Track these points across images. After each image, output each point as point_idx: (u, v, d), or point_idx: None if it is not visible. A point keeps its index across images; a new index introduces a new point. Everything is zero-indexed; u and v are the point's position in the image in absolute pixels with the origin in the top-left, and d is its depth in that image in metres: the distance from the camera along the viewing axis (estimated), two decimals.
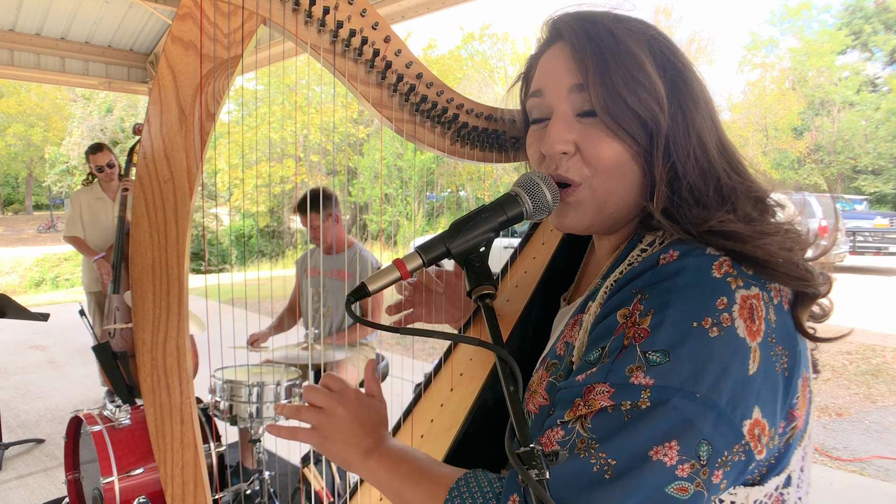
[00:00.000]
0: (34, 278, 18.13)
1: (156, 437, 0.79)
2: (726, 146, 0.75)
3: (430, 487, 0.73)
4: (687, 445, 0.58)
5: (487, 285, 0.74)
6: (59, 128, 27.58)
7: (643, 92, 0.71)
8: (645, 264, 0.67)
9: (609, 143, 0.72)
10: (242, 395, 2.71)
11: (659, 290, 0.63)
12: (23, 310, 3.51)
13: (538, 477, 0.57)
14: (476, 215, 0.76)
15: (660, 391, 0.59)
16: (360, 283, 0.74)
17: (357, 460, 0.79)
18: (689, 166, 0.71)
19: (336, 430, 0.80)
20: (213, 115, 0.74)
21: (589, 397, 0.63)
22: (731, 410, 0.59)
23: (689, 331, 0.60)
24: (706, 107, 0.75)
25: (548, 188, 0.75)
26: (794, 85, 25.32)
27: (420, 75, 0.92)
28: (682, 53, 0.76)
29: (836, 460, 4.22)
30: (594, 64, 0.72)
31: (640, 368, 0.60)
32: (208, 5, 0.74)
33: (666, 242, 0.69)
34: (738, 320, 0.60)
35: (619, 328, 0.64)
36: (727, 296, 0.61)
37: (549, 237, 1.11)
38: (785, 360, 0.63)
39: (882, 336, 7.39)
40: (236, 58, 0.75)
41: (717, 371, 0.59)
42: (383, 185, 17.38)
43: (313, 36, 0.83)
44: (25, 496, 3.49)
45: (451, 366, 1.04)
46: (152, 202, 0.75)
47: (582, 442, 0.61)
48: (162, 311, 0.76)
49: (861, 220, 16.12)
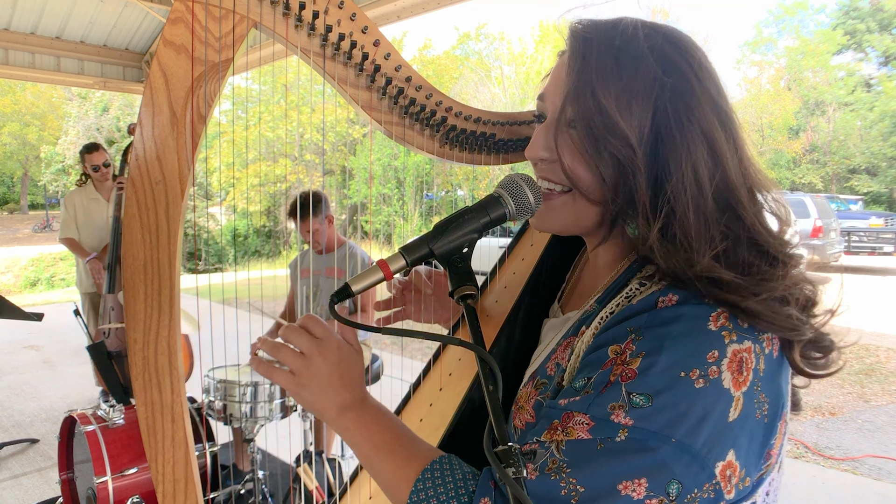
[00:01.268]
0: (29, 278, 18.07)
1: (147, 436, 0.80)
2: (734, 190, 0.69)
3: (402, 463, 0.72)
4: (657, 484, 0.59)
5: (469, 286, 0.75)
6: (55, 127, 27.48)
7: (610, 132, 0.68)
8: (643, 304, 0.67)
9: (581, 158, 0.72)
10: (236, 394, 2.71)
11: (654, 334, 0.63)
12: (17, 310, 3.50)
13: (515, 475, 0.58)
14: (459, 216, 0.76)
15: (637, 432, 0.60)
16: (343, 284, 0.74)
17: (332, 414, 0.77)
18: (681, 204, 0.67)
19: (314, 378, 0.76)
20: (205, 117, 0.75)
21: (568, 424, 0.64)
22: (705, 452, 0.60)
23: (677, 379, 0.60)
24: (719, 146, 0.69)
25: (531, 190, 0.76)
26: (790, 85, 25.42)
27: (409, 78, 0.94)
28: (698, 76, 0.70)
29: (828, 459, 4.24)
30: (575, 91, 0.71)
31: (622, 408, 0.61)
32: (200, 9, 0.75)
33: (664, 281, 0.68)
34: (725, 373, 0.61)
35: (607, 362, 0.65)
36: (719, 349, 0.62)
37: (538, 239, 1.12)
38: (766, 408, 0.64)
39: (876, 336, 7.43)
40: (227, 61, 0.76)
41: (697, 417, 0.60)
42: (379, 185, 17.39)
43: (303, 40, 0.84)
44: (19, 496, 3.49)
45: (441, 366, 1.05)
46: (144, 203, 0.76)
47: (553, 463, 0.62)
48: (153, 310, 0.77)
49: (856, 219, 16.20)
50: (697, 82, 0.70)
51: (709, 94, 0.70)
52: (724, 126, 0.70)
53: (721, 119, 0.70)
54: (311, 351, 0.77)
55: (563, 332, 0.81)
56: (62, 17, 6.05)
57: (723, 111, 0.70)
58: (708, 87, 0.70)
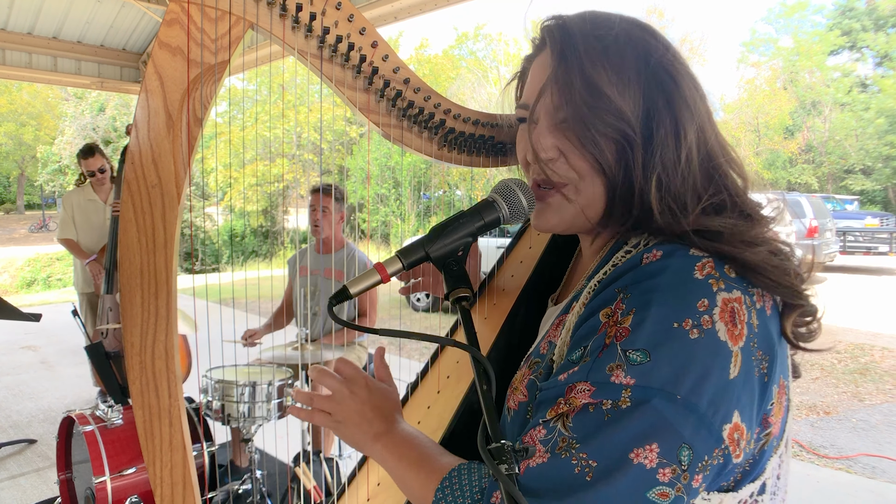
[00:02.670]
0: (26, 278, 18.03)
1: (145, 439, 0.80)
2: (715, 159, 0.73)
3: (428, 475, 0.75)
4: (667, 448, 0.58)
5: (464, 288, 0.76)
6: (51, 126, 27.41)
7: (609, 114, 0.70)
8: (628, 264, 0.67)
9: (581, 151, 0.73)
10: (234, 394, 2.71)
11: (641, 289, 0.63)
12: (15, 310, 3.49)
13: (507, 472, 0.58)
14: (454, 220, 0.78)
15: (640, 391, 0.59)
16: (341, 287, 0.76)
17: (367, 444, 0.83)
18: (672, 173, 0.70)
19: (347, 414, 0.83)
20: (201, 120, 0.75)
21: (570, 395, 0.63)
22: (711, 414, 0.59)
23: (670, 331, 0.60)
24: (700, 118, 0.73)
25: (524, 194, 0.77)
26: (786, 85, 25.46)
27: (407, 80, 0.93)
28: (675, 57, 0.74)
29: (823, 458, 4.26)
30: (565, 83, 0.72)
31: (621, 367, 0.61)
32: (195, 11, 0.74)
33: (651, 244, 0.69)
34: (718, 323, 0.61)
35: (601, 327, 0.65)
36: (708, 298, 0.61)
37: (536, 242, 1.12)
38: (764, 366, 0.64)
39: (870, 335, 7.46)
40: (223, 63, 0.76)
41: (698, 374, 0.59)
42: (376, 185, 17.37)
43: (300, 41, 0.84)
44: (18, 496, 3.49)
45: (439, 368, 1.05)
46: (140, 207, 0.75)
47: (563, 441, 0.62)
48: (150, 314, 0.77)
49: (852, 219, 16.25)
50: (676, 61, 0.74)
51: (687, 71, 0.74)
52: (703, 100, 0.74)
53: (700, 94, 0.74)
54: (341, 391, 0.85)
55: (556, 315, 0.82)
56: (59, 18, 6.03)
57: (700, 87, 0.75)
58: (685, 65, 0.75)
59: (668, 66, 0.73)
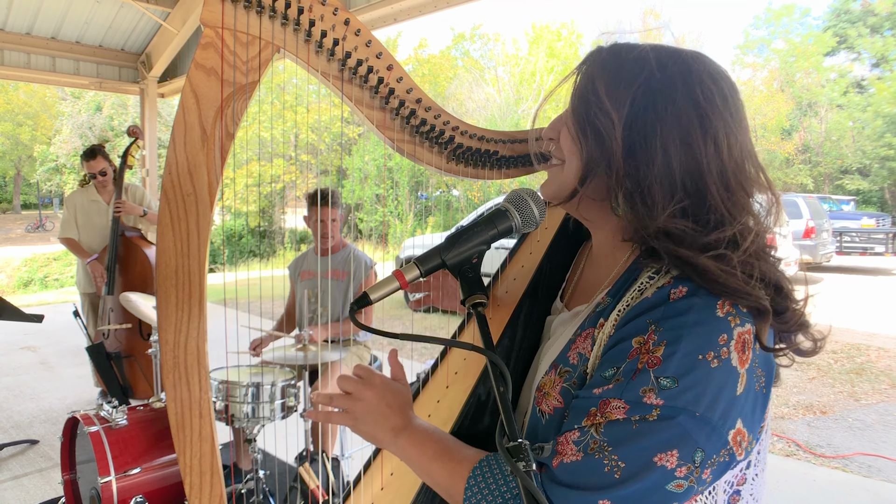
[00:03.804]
0: (22, 278, 18.01)
1: (176, 431, 0.86)
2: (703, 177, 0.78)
3: (455, 466, 0.82)
4: (685, 453, 0.69)
5: (480, 294, 0.83)
6: (48, 126, 27.37)
7: (598, 109, 0.79)
8: (657, 298, 0.76)
9: (572, 134, 0.83)
10: (238, 395, 2.74)
11: (671, 325, 0.73)
12: (17, 311, 3.52)
13: (525, 468, 0.67)
14: (469, 229, 0.85)
15: (668, 409, 0.70)
16: (362, 293, 0.82)
17: (387, 439, 0.88)
18: (649, 176, 0.77)
19: (365, 412, 0.89)
20: (233, 134, 0.81)
21: (605, 409, 0.73)
22: (721, 424, 0.70)
23: (696, 362, 0.70)
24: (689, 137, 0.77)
25: (535, 203, 0.83)
26: (783, 86, 25.59)
27: (419, 100, 1.01)
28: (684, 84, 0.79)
29: (819, 457, 4.30)
30: (584, 80, 0.83)
31: (653, 391, 0.71)
32: (228, 35, 0.81)
33: (671, 275, 0.77)
34: (733, 353, 0.72)
35: (633, 352, 0.74)
36: (727, 333, 0.72)
37: (536, 248, 1.19)
38: (763, 381, 0.75)
39: (867, 335, 7.54)
40: (253, 83, 0.83)
41: (714, 394, 0.70)
42: (374, 185, 17.42)
43: (323, 64, 0.91)
44: (21, 496, 3.51)
45: (447, 364, 1.11)
46: (176, 214, 0.82)
47: (595, 443, 0.72)
48: (184, 313, 0.83)
49: (848, 220, 16.35)
50: (683, 86, 0.78)
51: (692, 97, 0.78)
52: (702, 125, 0.78)
53: (701, 119, 0.78)
54: (357, 389, 0.91)
55: (578, 325, 0.88)
56: (58, 18, 6.06)
57: (705, 114, 0.78)
58: (694, 92, 0.79)
59: (668, 87, 0.79)
